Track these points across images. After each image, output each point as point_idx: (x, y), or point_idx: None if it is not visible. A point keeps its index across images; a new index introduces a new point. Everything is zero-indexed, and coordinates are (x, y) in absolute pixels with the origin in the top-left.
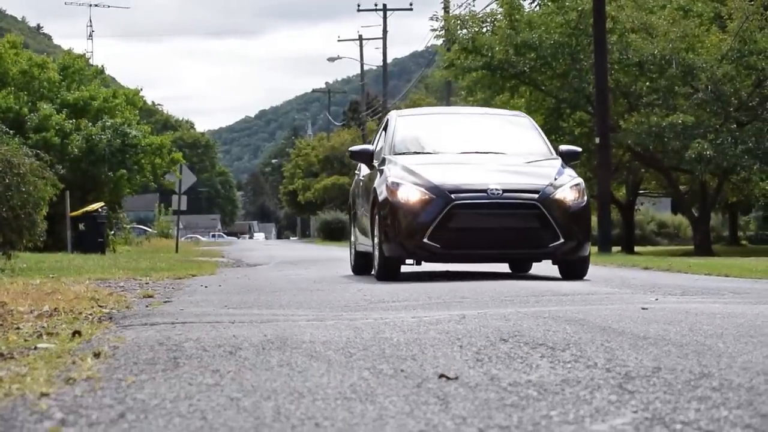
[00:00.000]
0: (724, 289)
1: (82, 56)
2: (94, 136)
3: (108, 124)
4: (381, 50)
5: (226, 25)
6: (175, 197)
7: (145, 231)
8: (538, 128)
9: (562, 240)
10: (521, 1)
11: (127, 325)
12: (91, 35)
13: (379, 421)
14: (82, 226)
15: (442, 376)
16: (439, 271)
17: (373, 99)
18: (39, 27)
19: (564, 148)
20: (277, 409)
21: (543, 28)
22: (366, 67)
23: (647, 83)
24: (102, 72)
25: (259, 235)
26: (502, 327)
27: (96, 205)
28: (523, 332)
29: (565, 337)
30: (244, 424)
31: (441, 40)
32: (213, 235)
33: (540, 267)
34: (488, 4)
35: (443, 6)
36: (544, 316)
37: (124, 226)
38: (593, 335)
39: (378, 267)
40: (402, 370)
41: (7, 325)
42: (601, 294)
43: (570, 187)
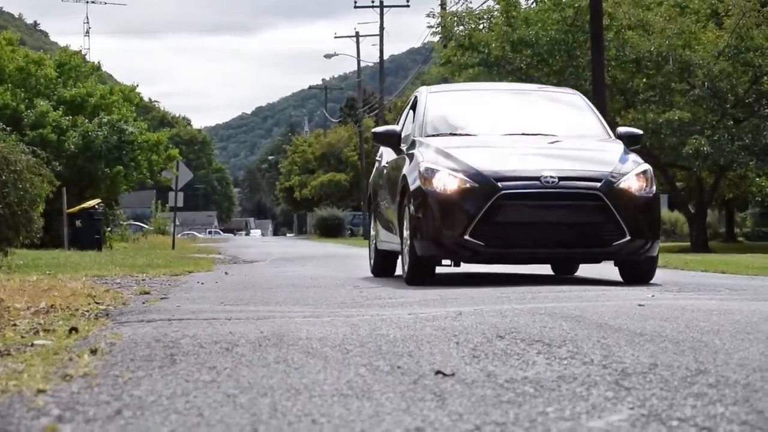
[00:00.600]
0: (721, 286)
1: (79, 53)
2: (90, 133)
3: (105, 121)
4: (378, 47)
5: (222, 22)
6: (171, 194)
7: (142, 228)
8: (593, 106)
9: (628, 237)
10: None
11: (123, 321)
12: (87, 32)
13: (375, 418)
14: (78, 223)
15: (439, 372)
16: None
17: (370, 96)
18: (36, 24)
19: (623, 130)
20: (274, 406)
21: (540, 25)
22: (363, 64)
23: (644, 80)
24: (98, 69)
25: (256, 232)
26: (498, 323)
27: (93, 202)
28: (520, 329)
29: (562, 334)
30: (240, 421)
31: (438, 37)
32: (209, 232)
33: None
34: (485, 1)
35: (440, 3)
36: (540, 313)
37: (121, 222)
38: (590, 332)
39: (408, 269)
40: (398, 367)
41: (4, 321)
42: (597, 290)
43: (636, 175)
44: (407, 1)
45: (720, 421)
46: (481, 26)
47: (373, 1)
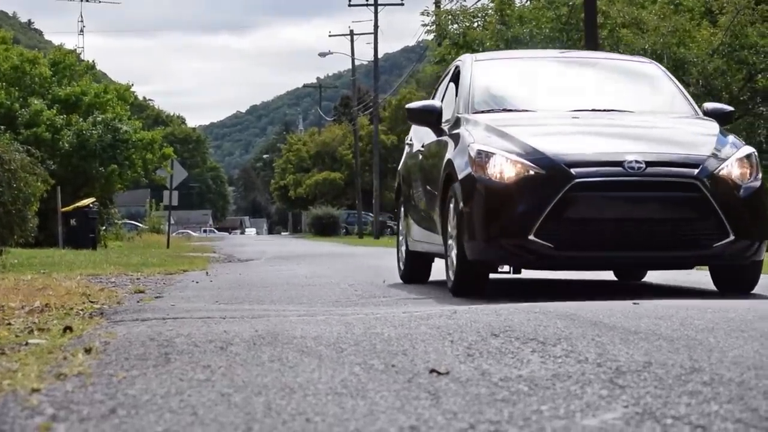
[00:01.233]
0: None
1: (73, 52)
2: (85, 132)
3: (99, 120)
4: (372, 45)
5: (217, 21)
6: (166, 192)
7: (137, 226)
8: (674, 79)
9: (731, 237)
10: None
11: (118, 320)
12: (82, 31)
13: (370, 416)
14: (73, 222)
15: (433, 371)
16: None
17: (364, 94)
18: (30, 23)
19: (710, 106)
20: (268, 405)
21: (534, 23)
22: (357, 62)
23: None
24: (93, 67)
25: (251, 231)
26: (493, 322)
27: (87, 201)
28: (514, 327)
29: (556, 332)
30: (234, 420)
31: (432, 35)
32: (204, 231)
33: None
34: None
35: (434, 1)
36: (535, 311)
37: (116, 221)
38: (584, 330)
39: (455, 276)
40: (393, 366)
41: None
42: (592, 288)
43: (738, 160)
44: (401, 0)
45: (714, 419)
46: (476, 24)
47: (367, 0)
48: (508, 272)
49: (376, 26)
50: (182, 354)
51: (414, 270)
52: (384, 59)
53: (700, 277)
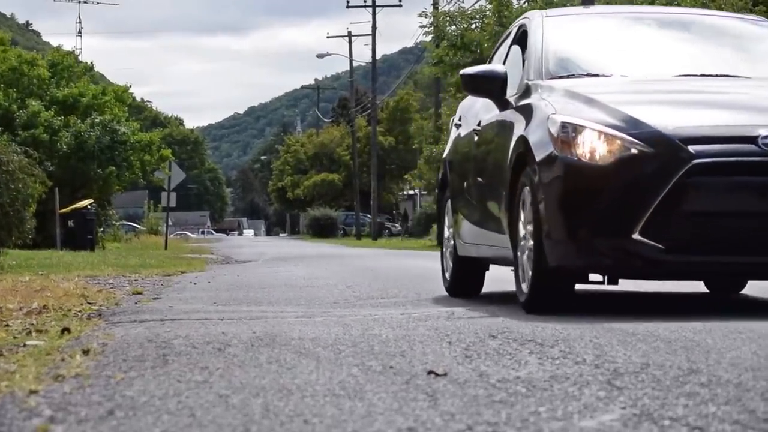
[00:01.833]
0: None
1: (71, 53)
2: (83, 133)
3: (97, 121)
4: (370, 47)
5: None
6: (164, 194)
7: (135, 228)
8: None
9: None
10: None
11: (116, 322)
12: (80, 32)
13: (367, 418)
14: (71, 223)
15: (431, 372)
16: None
17: (362, 95)
18: (28, 24)
19: None
20: (266, 406)
21: None
22: (355, 64)
23: None
24: (91, 69)
25: (249, 232)
26: (490, 323)
27: (85, 202)
28: (512, 329)
29: (554, 334)
30: (232, 421)
31: (430, 37)
32: (202, 232)
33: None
34: (477, 1)
35: (432, 2)
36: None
37: (114, 222)
38: (582, 331)
39: (531, 287)
40: (391, 367)
41: None
42: (589, 290)
43: None
44: (399, 1)
45: (712, 420)
46: (473, 26)
47: (365, 1)
48: (601, 282)
49: (374, 28)
50: (180, 355)
51: (463, 280)
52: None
53: None
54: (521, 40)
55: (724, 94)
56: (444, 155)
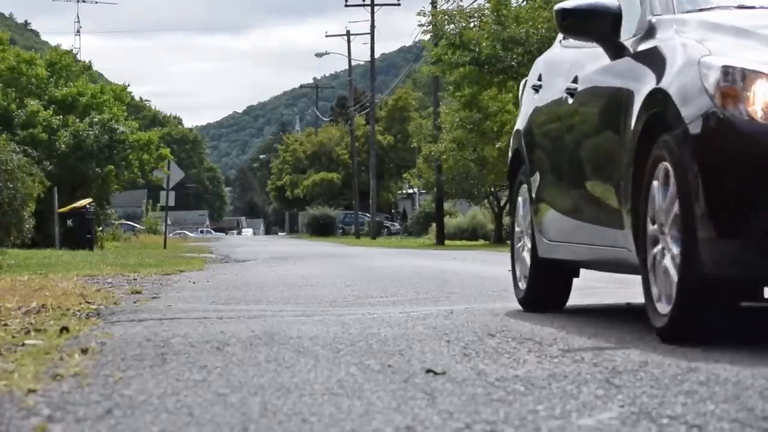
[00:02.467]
0: None
1: (70, 52)
2: (81, 132)
3: (95, 120)
4: (369, 45)
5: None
6: (163, 193)
7: (133, 227)
8: None
9: None
10: None
11: (114, 321)
12: (78, 31)
13: (366, 417)
14: (70, 223)
15: (430, 371)
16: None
17: (361, 94)
18: (26, 23)
19: None
20: (264, 405)
21: (530, 24)
22: (354, 63)
23: None
24: (89, 68)
25: (247, 231)
26: (489, 322)
27: (84, 202)
28: (511, 327)
29: (553, 332)
30: (231, 420)
31: (428, 36)
32: (201, 231)
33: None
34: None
35: (431, 1)
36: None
37: (112, 222)
38: (580, 330)
39: (676, 304)
40: (389, 366)
41: None
42: (589, 289)
43: None
44: (398, 0)
45: (710, 418)
46: (472, 24)
47: (364, 0)
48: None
49: (373, 26)
50: (179, 354)
51: (544, 289)
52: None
53: None
54: None
55: None
56: (517, 126)
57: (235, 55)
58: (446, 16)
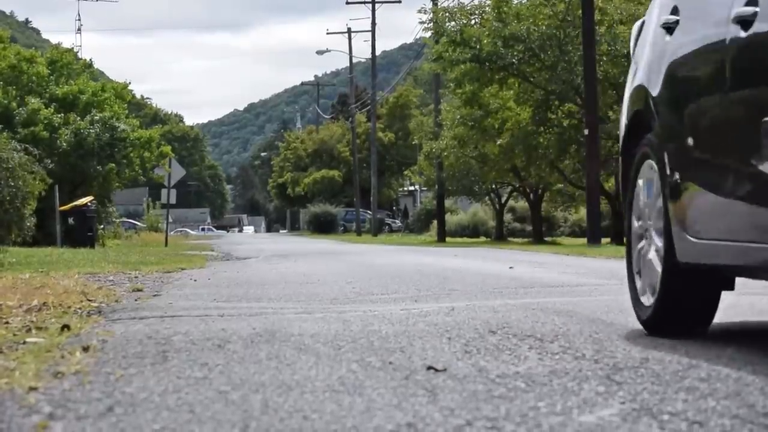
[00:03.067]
0: None
1: (71, 50)
2: (82, 130)
3: (96, 118)
4: (370, 43)
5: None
6: (164, 191)
7: (135, 225)
8: None
9: None
10: None
11: (116, 318)
12: (79, 29)
13: (367, 414)
14: (71, 221)
15: (431, 368)
16: None
17: (362, 92)
18: (27, 21)
19: None
20: (266, 402)
21: (531, 20)
22: (355, 60)
23: None
24: (90, 66)
25: (249, 229)
26: (490, 319)
27: (85, 200)
28: (512, 324)
29: (554, 329)
30: (232, 417)
31: (429, 33)
32: (202, 229)
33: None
34: None
35: None
36: (532, 308)
37: (114, 220)
38: (582, 326)
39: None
40: (390, 363)
41: None
42: (590, 285)
43: None
44: None
45: (711, 415)
46: (473, 22)
47: None
48: None
49: (374, 24)
50: (180, 352)
51: (685, 305)
52: (381, 57)
53: None
54: None
55: None
56: (638, 82)
57: (236, 53)
58: (447, 14)
